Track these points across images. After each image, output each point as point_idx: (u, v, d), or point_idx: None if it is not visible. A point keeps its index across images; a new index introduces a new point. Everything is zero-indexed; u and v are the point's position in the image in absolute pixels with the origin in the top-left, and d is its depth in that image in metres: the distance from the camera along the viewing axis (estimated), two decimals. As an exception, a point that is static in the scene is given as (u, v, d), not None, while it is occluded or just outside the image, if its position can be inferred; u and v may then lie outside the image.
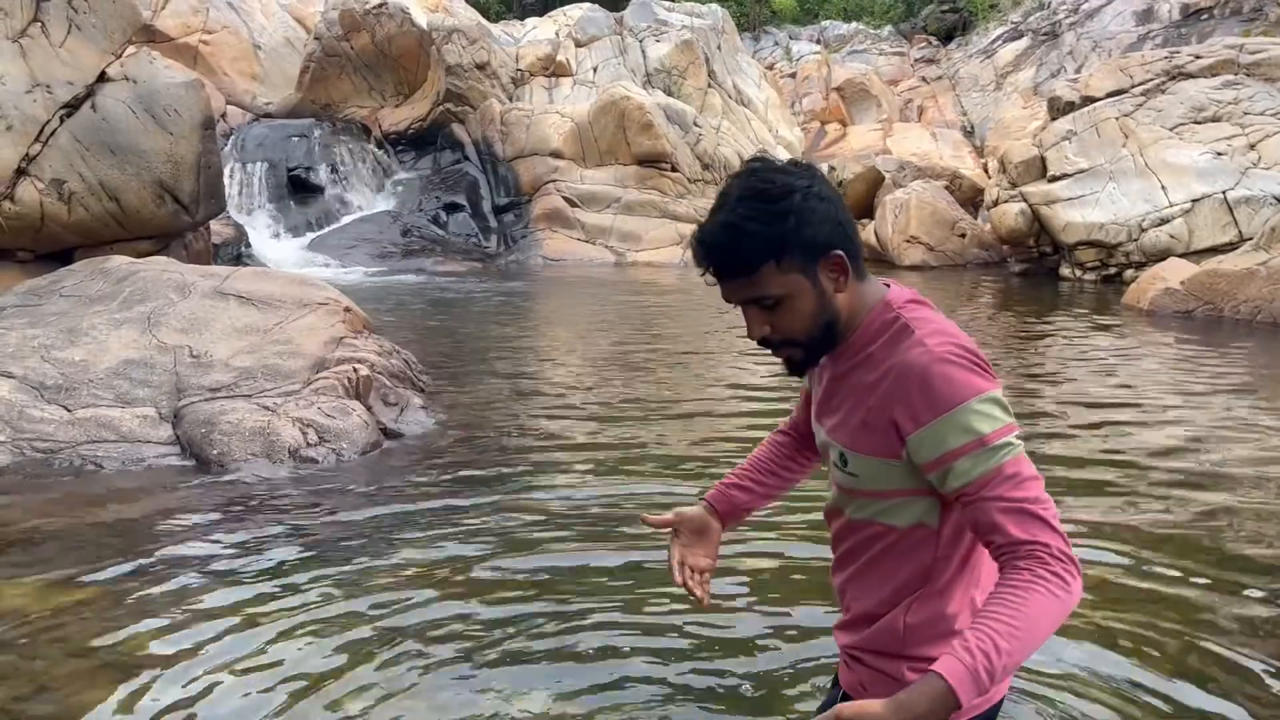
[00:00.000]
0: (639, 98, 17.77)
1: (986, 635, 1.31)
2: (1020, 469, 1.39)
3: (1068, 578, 1.35)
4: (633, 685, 2.85)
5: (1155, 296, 10.46)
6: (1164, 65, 15.27)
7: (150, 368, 5.44)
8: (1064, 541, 1.37)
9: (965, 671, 1.29)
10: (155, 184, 8.74)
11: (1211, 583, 3.55)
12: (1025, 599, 1.33)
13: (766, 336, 1.49)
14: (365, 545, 3.84)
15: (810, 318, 1.47)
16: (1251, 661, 2.96)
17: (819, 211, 1.43)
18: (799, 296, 1.45)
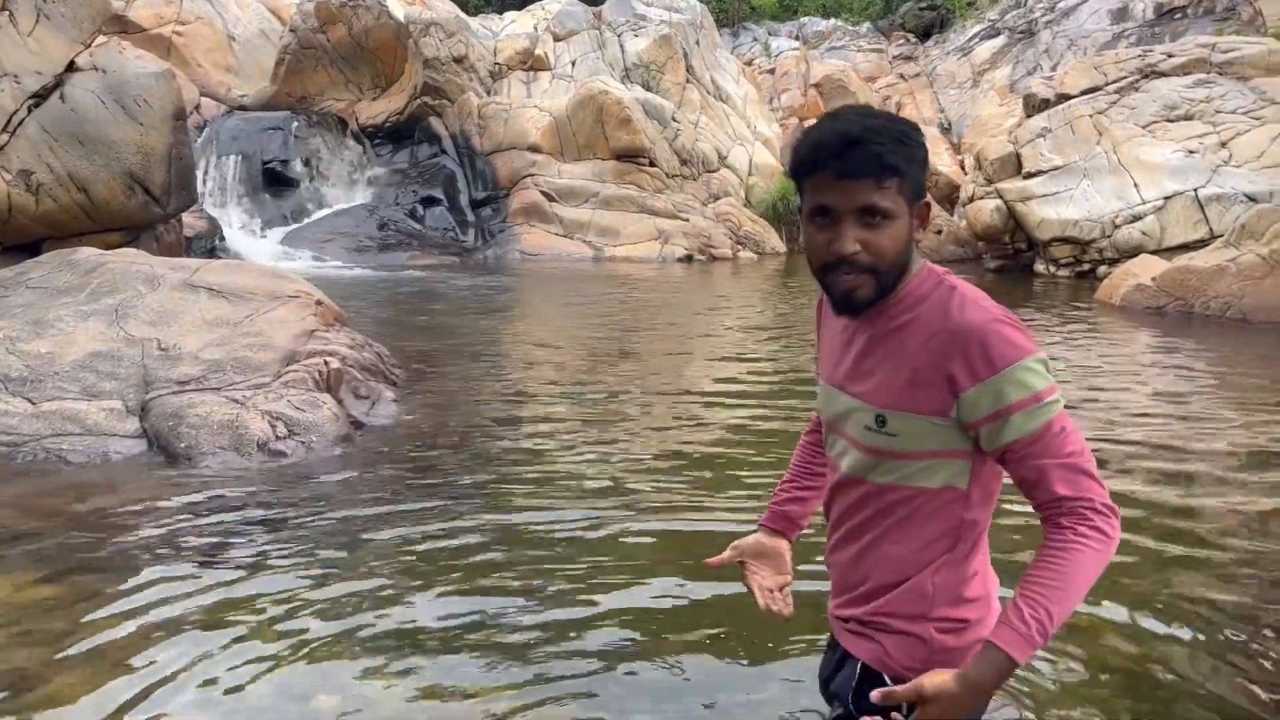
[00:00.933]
0: (617, 92, 17.75)
1: (1038, 601, 1.41)
2: (1066, 424, 1.45)
3: (1108, 530, 1.44)
4: (605, 676, 2.84)
5: (1127, 292, 10.55)
6: (1138, 63, 15.40)
7: (117, 360, 5.38)
8: (1104, 491, 1.45)
9: (1021, 640, 1.40)
10: (125, 175, 8.64)
11: (1171, 573, 3.58)
12: (1069, 559, 1.42)
13: (856, 254, 1.48)
14: (333, 539, 3.81)
15: (900, 246, 1.49)
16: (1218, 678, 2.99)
17: (918, 148, 1.50)
18: (899, 222, 1.48)
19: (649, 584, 3.44)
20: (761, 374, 7.36)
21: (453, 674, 2.84)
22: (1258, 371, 7.51)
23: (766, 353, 8.43)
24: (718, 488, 4.53)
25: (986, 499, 1.57)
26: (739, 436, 5.45)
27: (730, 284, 14.50)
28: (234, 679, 2.80)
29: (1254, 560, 3.73)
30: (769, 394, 6.59)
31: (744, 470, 4.80)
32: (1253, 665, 2.93)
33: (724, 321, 10.29)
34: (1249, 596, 3.40)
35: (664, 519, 4.09)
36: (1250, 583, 3.53)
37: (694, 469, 4.81)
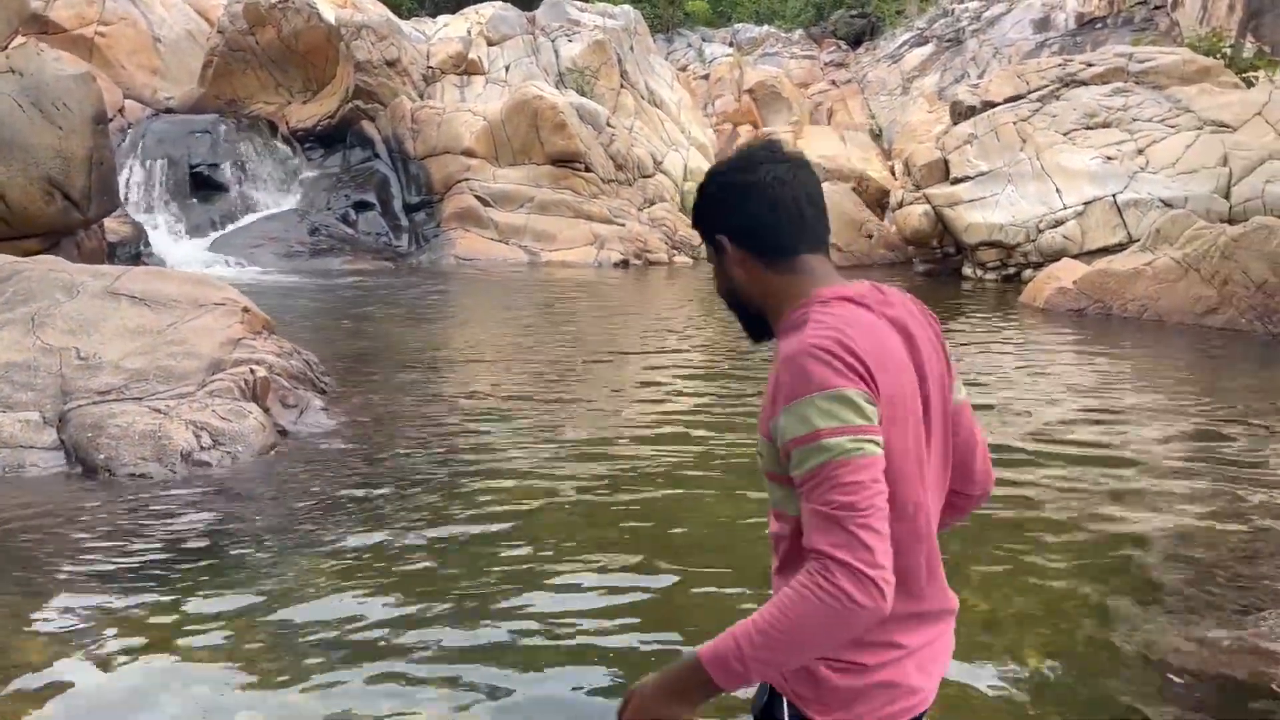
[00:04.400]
0: (552, 97, 17.73)
1: (748, 629, 1.41)
2: (844, 473, 1.39)
3: (845, 591, 1.36)
4: (535, 681, 2.86)
5: (1050, 295, 10.84)
6: (1058, 72, 15.83)
7: (33, 370, 5.25)
8: (863, 553, 1.37)
9: (715, 654, 1.42)
10: (43, 180, 8.42)
11: (1085, 563, 3.70)
12: (793, 605, 1.38)
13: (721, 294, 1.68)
14: (257, 551, 3.77)
15: (721, 284, 1.65)
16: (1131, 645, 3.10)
17: (716, 199, 1.61)
18: (715, 264, 1.65)
19: (581, 592, 3.46)
20: (697, 382, 7.42)
21: (380, 685, 2.83)
22: (1171, 372, 7.78)
23: (703, 361, 8.50)
24: (647, 498, 4.56)
25: None
26: (674, 447, 5.50)
27: (666, 290, 14.58)
28: (149, 699, 2.75)
29: (1175, 555, 3.88)
30: (704, 402, 6.65)
31: (681, 484, 4.84)
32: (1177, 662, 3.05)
33: (660, 328, 10.35)
34: (1169, 591, 3.54)
35: (595, 528, 4.11)
36: (1174, 571, 3.66)
37: (625, 479, 4.84)
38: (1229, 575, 3.63)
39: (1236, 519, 4.23)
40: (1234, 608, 3.36)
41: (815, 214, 1.62)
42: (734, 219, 1.60)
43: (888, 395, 1.47)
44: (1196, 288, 9.64)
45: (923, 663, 1.59)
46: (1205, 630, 3.17)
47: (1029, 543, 3.93)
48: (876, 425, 1.44)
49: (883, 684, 1.54)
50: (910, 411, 1.53)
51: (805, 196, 1.61)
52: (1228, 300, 9.41)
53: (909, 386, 1.53)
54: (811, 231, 1.61)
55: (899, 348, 1.54)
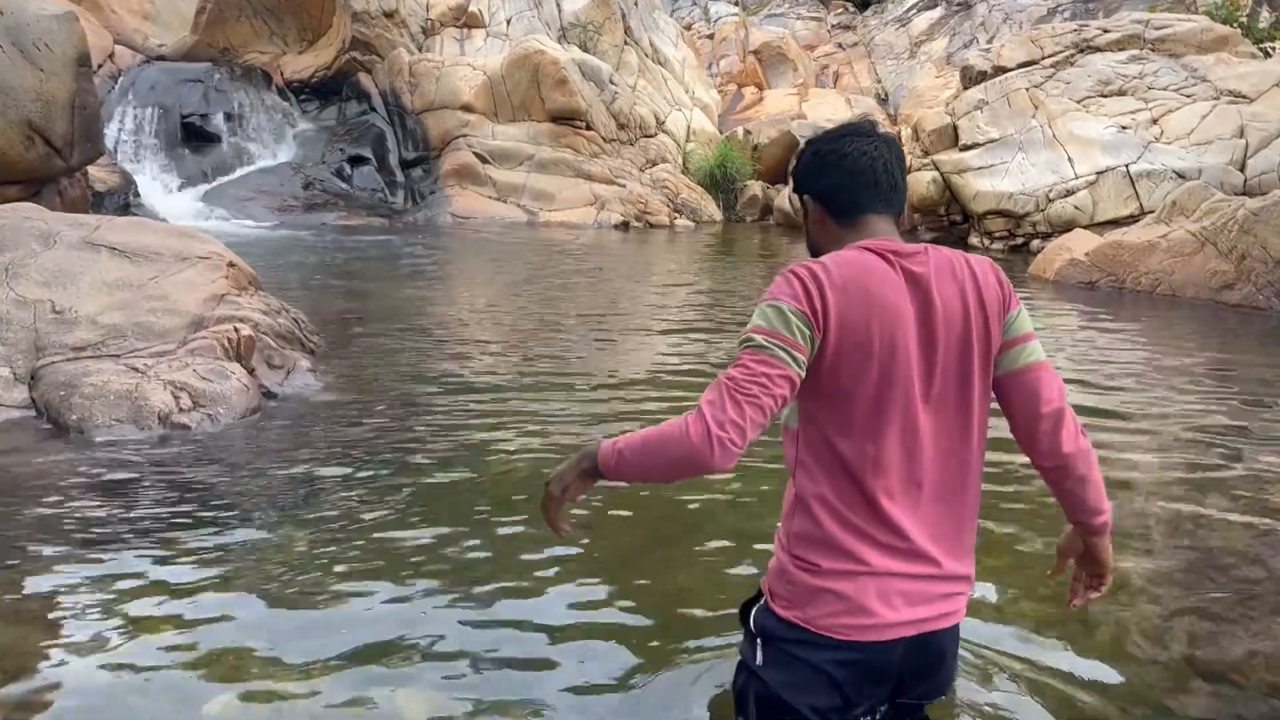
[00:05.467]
0: (553, 52, 17.31)
1: (634, 433, 1.73)
2: (748, 359, 1.68)
3: (691, 431, 1.65)
4: (527, 651, 2.64)
5: (1061, 267, 10.58)
6: (1073, 38, 15.45)
7: (5, 324, 4.98)
8: (719, 412, 1.65)
9: (605, 443, 1.75)
10: (23, 124, 8.09)
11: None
12: (661, 429, 1.70)
13: None
14: (235, 519, 3.53)
15: (807, 237, 1.94)
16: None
17: (808, 165, 1.90)
18: (803, 220, 1.95)
19: (575, 567, 3.23)
20: (695, 349, 7.18)
21: (365, 668, 2.60)
22: (1185, 348, 7.54)
23: (704, 327, 8.25)
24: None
25: (816, 445, 1.78)
26: (671, 405, 5.26)
27: (667, 253, 14.28)
28: (123, 674, 2.53)
29: (1173, 534, 3.66)
30: (701, 369, 6.41)
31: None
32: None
33: (660, 293, 10.09)
34: (1171, 574, 3.32)
35: (594, 497, 3.88)
36: (1171, 556, 3.45)
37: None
38: (1240, 567, 3.41)
39: (1251, 510, 4.01)
40: (1235, 597, 3.14)
41: (890, 183, 1.84)
42: (818, 182, 1.88)
43: (847, 327, 1.70)
44: (1213, 262, 9.38)
45: (887, 593, 1.74)
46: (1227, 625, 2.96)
47: (1019, 523, 3.72)
48: (798, 341, 1.69)
49: (834, 592, 1.74)
50: (877, 351, 1.71)
51: (883, 166, 1.83)
52: (1245, 276, 9.16)
53: (888, 331, 1.70)
54: (883, 198, 1.84)
55: (894, 295, 1.72)
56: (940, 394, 1.76)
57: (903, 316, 1.71)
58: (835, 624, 1.73)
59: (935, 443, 1.77)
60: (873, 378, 1.71)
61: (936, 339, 1.73)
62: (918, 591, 1.75)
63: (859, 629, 1.73)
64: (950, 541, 1.80)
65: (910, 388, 1.73)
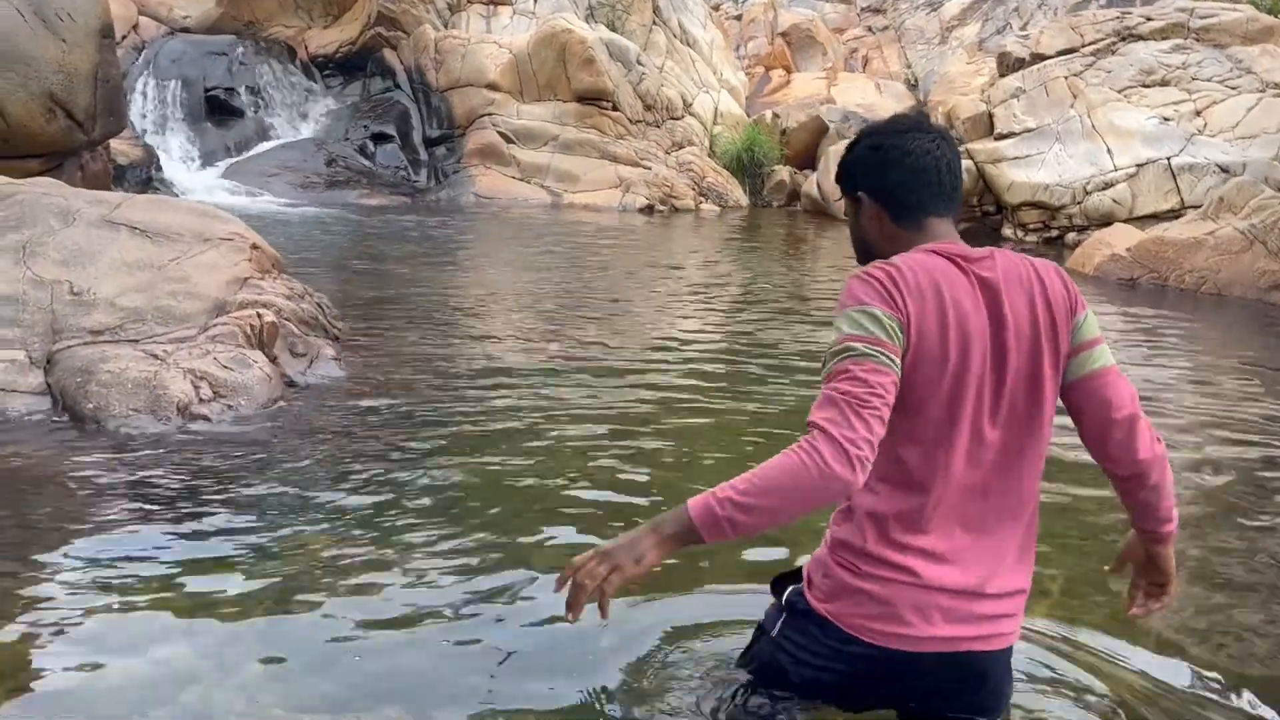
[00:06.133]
0: (581, 31, 17.03)
1: (734, 482, 1.59)
2: (857, 369, 1.60)
3: (823, 455, 1.54)
4: (545, 640, 2.48)
5: (1100, 262, 10.30)
6: (1115, 25, 15.07)
7: (21, 304, 4.81)
8: (847, 430, 1.55)
9: (700, 500, 1.59)
10: (44, 96, 7.92)
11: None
12: (777, 463, 1.57)
13: None
14: (255, 519, 3.36)
15: (855, 234, 1.88)
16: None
17: (864, 160, 1.82)
18: (851, 216, 1.89)
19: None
20: (727, 336, 6.97)
21: (373, 678, 2.43)
22: (1231, 348, 7.28)
23: (735, 314, 8.03)
24: (676, 453, 4.14)
25: (878, 456, 1.63)
26: (705, 400, 5.05)
27: (692, 238, 14.05)
28: (131, 676, 2.37)
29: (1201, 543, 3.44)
30: (732, 358, 6.20)
31: (708, 441, 4.41)
32: None
33: (687, 279, 9.87)
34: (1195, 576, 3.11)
35: (621, 490, 3.70)
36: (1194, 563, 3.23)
37: (653, 435, 4.40)
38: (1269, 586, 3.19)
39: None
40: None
41: (952, 183, 1.79)
42: (877, 179, 1.80)
43: (925, 335, 1.65)
44: (1262, 261, 9.09)
45: (926, 606, 1.69)
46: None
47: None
48: (896, 346, 1.63)
49: (869, 594, 1.72)
50: (952, 361, 1.66)
51: (946, 166, 1.78)
52: (1295, 276, 8.87)
53: (962, 339, 1.66)
54: (945, 199, 1.78)
55: (968, 303, 1.68)
56: (1010, 406, 1.72)
57: (976, 325, 1.68)
58: (866, 626, 1.72)
59: (1002, 457, 1.73)
60: (946, 388, 1.68)
61: (1008, 349, 1.70)
62: (961, 609, 1.71)
63: (888, 636, 1.71)
64: (1007, 559, 1.75)
65: (981, 400, 1.70)
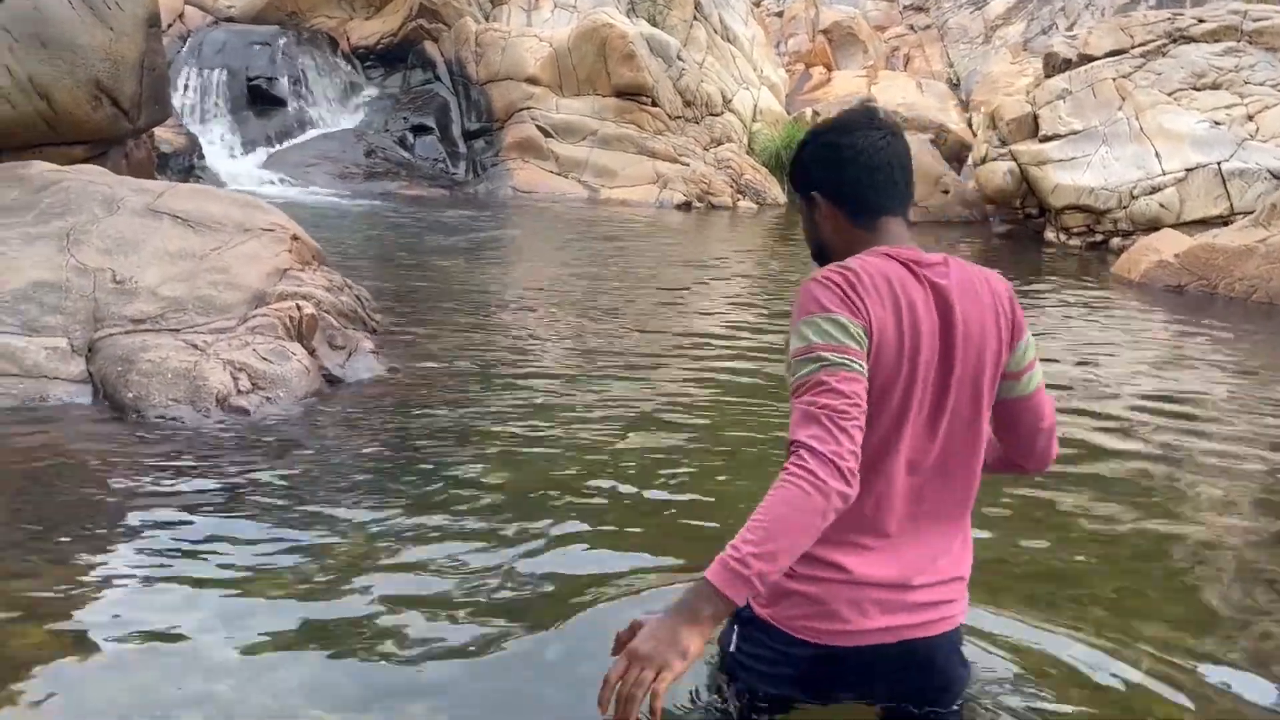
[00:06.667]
0: (622, 26, 16.97)
1: (741, 534, 1.53)
2: (832, 380, 1.58)
3: (815, 473, 1.53)
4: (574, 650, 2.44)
5: (1148, 268, 10.09)
6: (1166, 27, 14.76)
7: (65, 292, 4.84)
8: (833, 444, 1.54)
9: (718, 566, 1.53)
10: (91, 84, 7.96)
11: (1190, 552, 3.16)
12: (774, 495, 1.54)
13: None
14: (292, 513, 3.34)
15: (809, 235, 1.87)
16: None
17: (818, 159, 1.81)
18: (805, 216, 1.87)
19: (654, 563, 2.97)
20: (759, 335, 6.88)
21: (396, 676, 2.39)
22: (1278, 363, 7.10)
23: (767, 313, 7.95)
24: (716, 452, 4.07)
25: None
26: (744, 402, 4.98)
27: (729, 235, 13.95)
28: (163, 670, 2.36)
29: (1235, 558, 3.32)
30: (766, 356, 6.11)
31: (749, 440, 4.34)
32: None
33: (724, 276, 9.78)
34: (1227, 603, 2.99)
35: (659, 489, 3.64)
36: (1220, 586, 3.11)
37: (697, 436, 4.34)
38: None
39: None
40: None
41: (904, 181, 1.78)
42: (831, 179, 1.78)
43: (884, 341, 1.65)
44: (1316, 271, 8.86)
45: (860, 601, 1.72)
46: None
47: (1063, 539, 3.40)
48: (863, 352, 1.63)
49: (805, 595, 1.73)
50: (905, 366, 1.67)
51: (898, 163, 1.77)
52: (1350, 287, 8.63)
53: (914, 344, 1.67)
54: (899, 196, 1.78)
55: (921, 308, 1.68)
56: (953, 411, 1.75)
57: (928, 330, 1.70)
58: (805, 625, 1.75)
59: (942, 460, 1.76)
60: (897, 392, 1.69)
61: (954, 355, 1.72)
62: (896, 600, 1.74)
63: (827, 633, 1.74)
64: (945, 552, 1.80)
65: (924, 404, 1.72)
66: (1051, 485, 4.01)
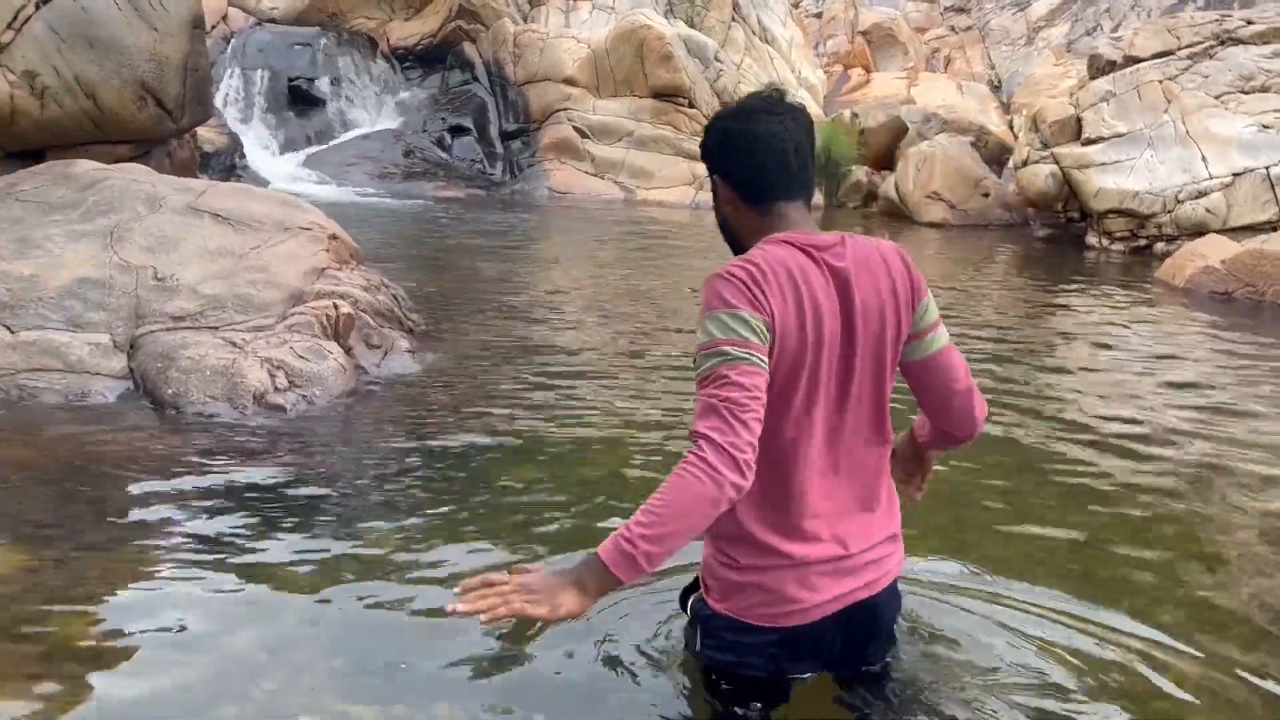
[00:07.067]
0: (660, 27, 16.97)
1: (636, 517, 1.63)
2: (733, 374, 1.64)
3: (714, 465, 1.60)
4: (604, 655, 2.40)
5: (1193, 274, 9.90)
6: (1214, 28, 14.49)
7: (108, 288, 4.90)
8: (732, 436, 1.61)
9: (609, 543, 1.64)
10: (136, 84, 8.07)
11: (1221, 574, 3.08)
12: (673, 483, 1.62)
13: None
14: (325, 512, 3.35)
15: (716, 215, 1.94)
16: None
17: (716, 144, 1.85)
18: (713, 197, 1.93)
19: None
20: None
21: (433, 682, 2.38)
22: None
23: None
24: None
25: None
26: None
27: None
28: (189, 669, 2.37)
29: None
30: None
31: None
32: None
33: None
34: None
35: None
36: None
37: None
38: None
39: None
40: None
41: (800, 167, 1.82)
42: (728, 164, 1.84)
43: (786, 331, 1.71)
44: (1367, 278, 8.64)
45: (806, 578, 1.82)
46: None
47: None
48: (764, 346, 1.69)
49: (755, 585, 1.83)
50: (809, 352, 1.74)
51: (794, 150, 1.80)
52: (1403, 295, 8.41)
53: (816, 329, 1.73)
54: (795, 182, 1.83)
55: (820, 293, 1.74)
56: (859, 385, 1.82)
57: (827, 313, 1.75)
58: (762, 613, 1.84)
59: (855, 433, 1.84)
60: (803, 377, 1.76)
61: (856, 333, 1.78)
62: (839, 569, 1.85)
63: (785, 615, 1.84)
64: (873, 517, 1.90)
65: (831, 385, 1.79)
66: (1087, 486, 3.94)
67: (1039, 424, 4.94)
